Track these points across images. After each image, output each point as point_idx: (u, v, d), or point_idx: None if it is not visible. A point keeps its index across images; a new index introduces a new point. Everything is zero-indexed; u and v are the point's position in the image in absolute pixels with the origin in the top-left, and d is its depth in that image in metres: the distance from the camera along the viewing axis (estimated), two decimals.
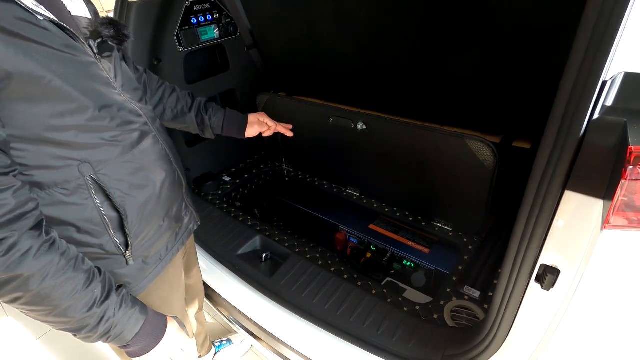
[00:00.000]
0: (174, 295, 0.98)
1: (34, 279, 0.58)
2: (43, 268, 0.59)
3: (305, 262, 1.34)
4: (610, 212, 0.51)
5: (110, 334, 0.69)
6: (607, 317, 0.63)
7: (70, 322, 0.65)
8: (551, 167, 0.59)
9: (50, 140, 0.62)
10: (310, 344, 1.12)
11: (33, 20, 0.57)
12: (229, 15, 1.72)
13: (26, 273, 0.57)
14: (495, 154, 1.20)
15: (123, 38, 0.73)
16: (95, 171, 0.68)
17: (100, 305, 0.66)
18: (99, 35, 0.70)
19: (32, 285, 0.58)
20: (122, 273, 0.78)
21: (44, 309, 0.62)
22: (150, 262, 0.84)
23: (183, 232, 0.95)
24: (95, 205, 0.70)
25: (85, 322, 0.65)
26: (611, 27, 0.50)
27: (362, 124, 1.48)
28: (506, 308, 0.76)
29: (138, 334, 0.72)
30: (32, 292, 0.59)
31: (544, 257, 0.65)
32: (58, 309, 0.62)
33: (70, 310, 0.63)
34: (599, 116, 0.55)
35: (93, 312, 0.65)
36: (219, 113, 1.09)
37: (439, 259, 1.40)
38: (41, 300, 0.61)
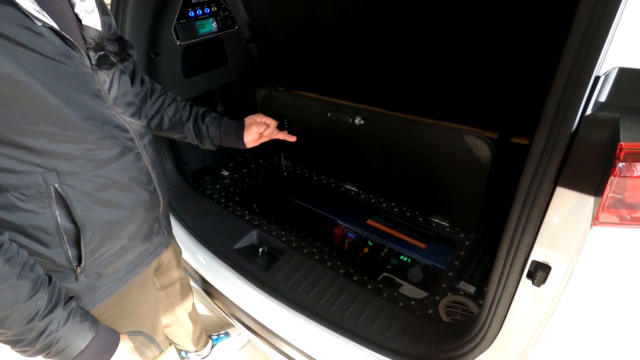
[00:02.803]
0: (139, 310, 0.94)
1: None
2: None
3: (301, 257, 1.34)
4: (599, 209, 0.51)
5: (51, 350, 0.64)
6: (597, 313, 0.63)
7: (5, 334, 0.61)
8: (543, 163, 0.59)
9: (17, 144, 0.60)
10: (306, 338, 1.13)
11: (29, 25, 0.57)
12: (227, 9, 1.71)
13: None
14: (492, 149, 1.19)
15: (126, 57, 0.72)
16: (60, 181, 0.66)
17: (43, 319, 0.62)
18: (102, 48, 0.69)
19: None
20: (70, 288, 0.74)
21: None
22: (105, 282, 0.80)
23: (150, 253, 0.91)
24: (54, 215, 0.67)
25: (23, 335, 0.62)
26: (604, 22, 0.49)
27: (360, 119, 1.47)
28: (498, 304, 0.76)
29: (83, 352, 0.67)
30: None
31: (535, 253, 0.64)
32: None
33: (7, 322, 0.59)
34: (591, 112, 0.55)
35: (32, 326, 0.61)
36: (215, 122, 1.06)
37: (436, 255, 1.41)
38: None
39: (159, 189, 0.86)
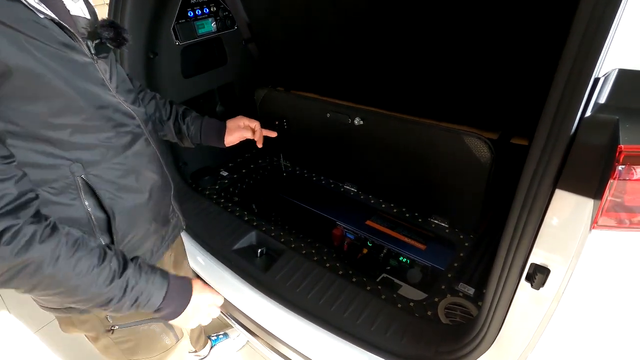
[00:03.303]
0: None
1: (46, 263, 0.59)
2: (52, 250, 0.59)
3: (300, 258, 1.34)
4: (599, 212, 0.50)
5: (139, 302, 0.70)
6: (596, 316, 0.63)
7: (95, 298, 0.65)
8: (542, 165, 0.58)
9: (43, 138, 0.62)
10: (304, 339, 1.13)
11: (35, 19, 0.57)
12: (227, 9, 1.70)
13: (37, 258, 0.58)
14: (491, 150, 1.19)
15: (122, 41, 0.73)
16: (85, 172, 0.68)
17: (120, 277, 0.67)
18: (98, 36, 0.70)
19: (46, 269, 0.59)
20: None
21: (65, 290, 0.63)
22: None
23: (169, 236, 0.94)
24: (84, 206, 0.69)
25: (111, 294, 0.66)
26: (604, 23, 0.48)
27: (359, 120, 1.47)
28: (497, 306, 0.75)
29: (166, 297, 0.73)
30: (48, 277, 0.60)
31: (534, 255, 0.64)
32: (80, 289, 0.63)
33: (93, 287, 0.64)
34: (591, 114, 0.54)
35: (115, 284, 0.66)
36: (196, 122, 1.04)
37: (435, 256, 1.40)
38: (59, 282, 0.61)
39: (168, 172, 0.89)
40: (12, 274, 0.57)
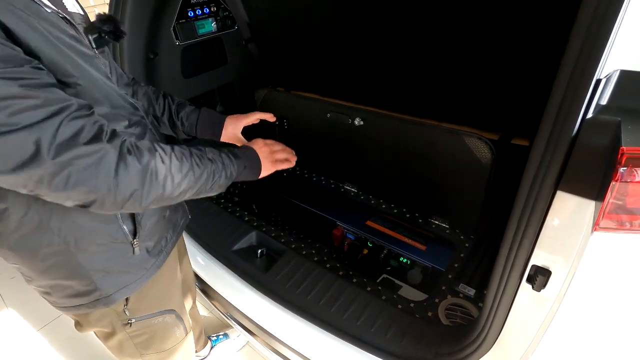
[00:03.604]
0: (171, 288, 0.98)
1: (160, 161, 0.64)
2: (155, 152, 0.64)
3: (300, 258, 1.34)
4: (600, 215, 0.50)
5: (231, 167, 0.79)
6: (597, 318, 0.63)
7: (208, 175, 0.72)
8: (543, 166, 0.58)
9: None
10: (304, 340, 1.12)
11: (46, 16, 0.57)
12: (227, 8, 1.70)
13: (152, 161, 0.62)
14: (492, 151, 1.18)
15: (120, 34, 0.74)
16: None
17: (206, 154, 0.75)
18: (96, 30, 0.70)
19: (161, 165, 0.64)
20: (129, 262, 0.78)
21: (184, 178, 0.68)
22: (153, 253, 0.84)
23: (179, 224, 0.95)
24: None
25: (210, 168, 0.73)
26: (606, 24, 0.48)
27: (359, 120, 1.47)
28: (498, 308, 0.75)
29: (242, 157, 0.84)
30: (168, 173, 0.65)
31: (535, 257, 0.64)
32: (193, 172, 0.69)
33: (201, 165, 0.71)
34: (592, 115, 0.54)
35: (207, 160, 0.73)
36: (192, 115, 1.02)
37: (435, 256, 1.40)
38: (177, 173, 0.66)
39: None
40: (148, 181, 0.61)
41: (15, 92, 0.47)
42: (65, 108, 0.52)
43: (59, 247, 0.68)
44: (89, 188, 0.54)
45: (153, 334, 0.93)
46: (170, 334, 0.98)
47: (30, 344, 1.75)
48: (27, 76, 0.49)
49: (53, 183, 0.51)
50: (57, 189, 0.52)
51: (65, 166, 0.51)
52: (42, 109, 0.49)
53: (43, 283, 0.74)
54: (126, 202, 0.59)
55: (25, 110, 0.47)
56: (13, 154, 0.48)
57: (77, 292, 0.75)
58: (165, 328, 0.95)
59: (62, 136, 0.50)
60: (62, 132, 0.50)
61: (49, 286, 0.75)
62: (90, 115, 0.56)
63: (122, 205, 0.60)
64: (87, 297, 0.76)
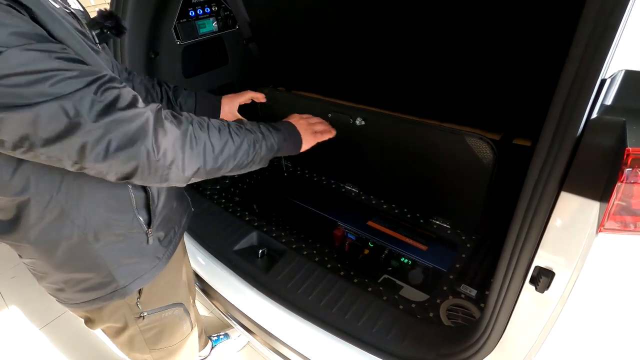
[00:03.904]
0: (179, 282, 0.99)
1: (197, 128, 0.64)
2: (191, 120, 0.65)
3: (301, 259, 1.33)
4: (605, 216, 0.50)
5: (271, 138, 0.78)
6: (601, 321, 0.62)
7: (247, 145, 0.72)
8: (547, 167, 0.58)
9: None
10: (305, 341, 1.12)
11: (58, 12, 0.58)
12: (228, 8, 1.70)
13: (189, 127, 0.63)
14: (494, 151, 1.18)
15: (122, 30, 0.75)
16: None
17: (244, 125, 0.75)
18: (98, 26, 0.71)
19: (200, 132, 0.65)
20: (143, 252, 0.80)
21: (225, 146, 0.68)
22: (164, 243, 0.85)
23: (185, 216, 0.96)
24: (127, 185, 0.71)
25: (250, 138, 0.73)
26: (612, 23, 0.48)
27: (360, 120, 1.46)
28: (500, 309, 0.75)
29: (282, 130, 0.83)
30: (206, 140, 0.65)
31: (539, 258, 0.63)
32: (232, 142, 0.69)
33: (240, 135, 0.71)
34: (597, 116, 0.53)
35: (245, 131, 0.73)
36: (190, 100, 1.06)
37: (437, 257, 1.39)
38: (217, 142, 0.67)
39: None
40: (188, 147, 0.61)
41: (52, 65, 0.49)
42: (99, 78, 0.54)
43: (78, 238, 0.68)
44: (130, 154, 0.55)
45: (162, 328, 0.94)
46: (178, 328, 0.99)
47: (31, 344, 1.75)
48: (59, 51, 0.51)
49: (95, 150, 0.53)
50: (100, 157, 0.54)
51: (105, 132, 0.52)
52: (79, 78, 0.51)
53: (57, 278, 0.74)
54: (168, 171, 0.60)
55: (64, 80, 0.50)
56: (57, 121, 0.50)
57: (93, 285, 0.76)
58: (174, 322, 0.97)
59: (101, 102, 0.52)
60: (100, 99, 0.52)
61: (63, 281, 0.75)
62: (124, 87, 0.57)
63: (164, 175, 0.60)
64: (104, 289, 0.77)
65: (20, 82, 0.47)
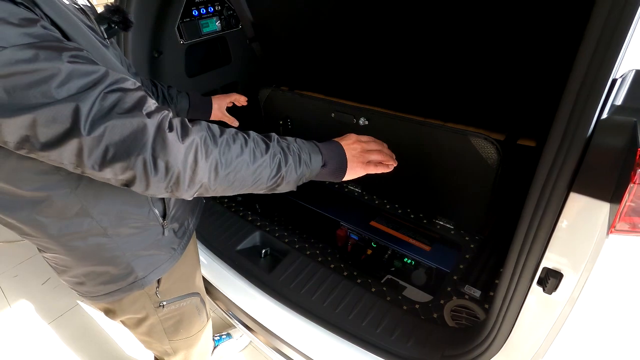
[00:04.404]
0: (194, 272, 1.00)
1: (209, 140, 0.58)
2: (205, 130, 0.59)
3: (304, 259, 1.33)
4: (617, 217, 0.49)
5: (303, 159, 0.68)
6: (611, 323, 0.62)
7: (266, 166, 0.63)
8: (556, 167, 0.57)
9: None
10: (309, 341, 1.12)
11: (69, 8, 0.59)
12: (231, 7, 1.69)
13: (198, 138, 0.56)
14: (499, 151, 1.17)
15: (129, 24, 0.76)
16: None
17: (271, 142, 0.65)
18: (105, 20, 0.72)
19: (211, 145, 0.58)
20: (160, 244, 0.81)
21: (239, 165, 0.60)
22: (179, 234, 0.86)
23: (199, 206, 0.97)
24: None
25: (276, 159, 0.64)
26: (623, 23, 0.47)
27: (364, 120, 1.46)
28: (507, 310, 0.74)
29: (322, 150, 0.72)
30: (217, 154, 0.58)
31: (547, 260, 0.63)
32: (247, 159, 0.61)
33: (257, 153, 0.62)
34: (607, 116, 0.53)
35: (272, 146, 0.64)
36: (183, 100, 1.10)
37: (440, 257, 1.39)
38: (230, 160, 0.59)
39: None
40: (191, 162, 0.55)
41: (56, 64, 0.48)
42: (103, 79, 0.51)
43: (97, 232, 0.69)
44: (126, 163, 0.52)
45: (181, 318, 0.96)
46: (196, 318, 1.00)
47: (34, 342, 1.75)
48: (69, 47, 0.51)
49: (92, 157, 0.51)
50: (97, 163, 0.51)
51: (101, 138, 0.50)
52: (82, 79, 0.49)
53: (79, 272, 0.75)
54: (167, 184, 0.55)
55: (67, 81, 0.48)
56: (55, 125, 0.48)
57: (113, 277, 0.77)
58: (192, 311, 0.98)
59: (100, 106, 0.50)
60: (101, 102, 0.50)
61: (84, 274, 0.76)
62: (131, 90, 0.54)
63: (164, 187, 0.56)
64: (124, 280, 0.78)
65: (21, 83, 0.46)
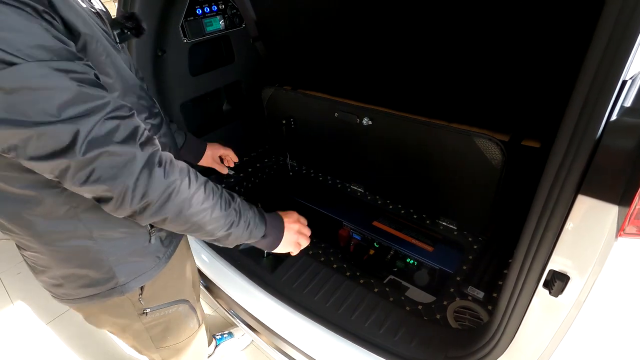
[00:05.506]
0: (182, 280, 0.98)
1: (184, 184, 0.62)
2: (183, 174, 0.63)
3: (307, 259, 1.33)
4: (626, 220, 0.49)
5: (251, 228, 0.75)
6: (619, 328, 0.61)
7: (221, 220, 0.69)
8: (564, 169, 0.57)
9: None
10: (311, 341, 1.11)
11: (85, 10, 0.60)
12: (235, 6, 1.69)
13: (177, 180, 0.61)
14: (503, 152, 1.17)
15: (142, 31, 0.77)
16: None
17: (234, 202, 0.72)
18: (119, 26, 0.73)
19: (184, 190, 0.62)
20: (145, 251, 0.79)
21: (199, 212, 0.66)
22: (165, 243, 0.85)
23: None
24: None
25: (231, 218, 0.71)
26: (634, 23, 0.47)
27: (367, 119, 1.45)
28: (512, 312, 0.74)
29: (267, 225, 0.81)
30: (186, 199, 0.63)
31: (553, 262, 0.62)
32: (208, 211, 0.67)
33: (217, 210, 0.68)
34: (617, 117, 0.52)
35: (232, 208, 0.71)
36: (178, 138, 1.11)
37: (443, 258, 1.38)
38: (195, 205, 0.64)
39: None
40: (165, 198, 0.60)
41: (64, 85, 0.49)
42: (105, 106, 0.53)
43: (84, 234, 0.69)
44: (108, 186, 0.55)
45: (168, 325, 0.94)
46: (184, 325, 0.99)
47: (37, 340, 1.75)
48: (77, 70, 0.51)
49: (77, 175, 0.53)
50: (79, 181, 0.54)
51: (92, 161, 0.52)
52: (86, 104, 0.51)
53: (58, 273, 0.74)
54: (136, 210, 0.59)
55: (71, 103, 0.50)
56: (50, 143, 0.49)
57: (92, 281, 0.75)
58: (179, 318, 0.96)
59: (98, 132, 0.52)
60: (99, 129, 0.52)
61: (62, 276, 0.74)
62: (128, 117, 0.56)
63: (132, 212, 0.59)
64: (103, 285, 0.77)
65: (24, 100, 0.47)
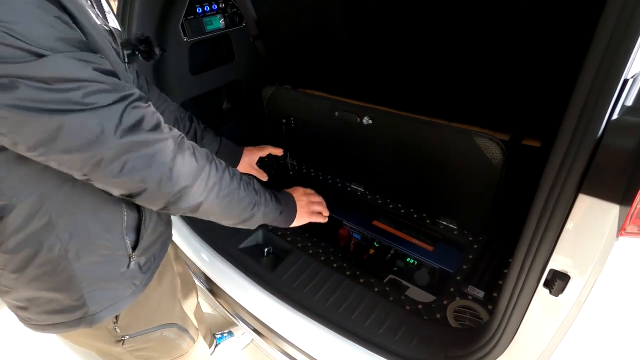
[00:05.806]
0: (166, 302, 0.93)
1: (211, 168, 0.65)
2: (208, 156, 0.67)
3: (307, 258, 1.33)
4: (627, 219, 0.49)
5: (270, 206, 0.79)
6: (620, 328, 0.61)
7: (246, 200, 0.73)
8: (565, 168, 0.56)
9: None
10: (311, 340, 1.11)
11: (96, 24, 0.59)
12: (235, 5, 1.69)
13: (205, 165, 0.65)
14: (504, 152, 1.16)
15: (153, 56, 0.75)
16: None
17: (252, 183, 0.76)
18: (131, 47, 0.71)
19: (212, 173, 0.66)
20: (121, 277, 0.74)
21: (227, 194, 0.69)
22: (143, 269, 0.79)
23: (167, 243, 0.90)
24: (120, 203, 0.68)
25: (252, 198, 0.74)
26: (635, 21, 0.46)
27: (368, 119, 1.45)
28: (512, 312, 0.74)
29: (281, 202, 0.84)
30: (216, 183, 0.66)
31: (554, 261, 0.62)
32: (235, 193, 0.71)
33: (242, 191, 0.72)
34: (618, 116, 0.52)
35: (251, 189, 0.75)
36: (213, 144, 1.07)
37: (443, 257, 1.38)
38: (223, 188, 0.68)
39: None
40: (200, 183, 0.62)
41: (89, 75, 0.49)
42: (129, 95, 0.54)
43: (58, 252, 0.64)
44: (143, 176, 0.55)
45: (153, 348, 0.90)
46: (173, 348, 0.95)
47: (39, 339, 1.75)
48: (97, 61, 0.51)
49: (110, 167, 0.53)
50: (112, 174, 0.53)
51: (126, 150, 0.52)
52: (111, 93, 0.51)
53: (23, 295, 0.68)
54: (172, 198, 0.60)
55: (97, 92, 0.50)
56: (81, 133, 0.49)
57: (61, 307, 0.69)
58: (165, 342, 0.92)
59: (127, 121, 0.52)
60: (127, 117, 0.52)
61: (28, 299, 0.68)
62: (148, 106, 0.57)
63: (167, 201, 0.60)
64: (71, 314, 0.70)
65: (54, 89, 0.46)
